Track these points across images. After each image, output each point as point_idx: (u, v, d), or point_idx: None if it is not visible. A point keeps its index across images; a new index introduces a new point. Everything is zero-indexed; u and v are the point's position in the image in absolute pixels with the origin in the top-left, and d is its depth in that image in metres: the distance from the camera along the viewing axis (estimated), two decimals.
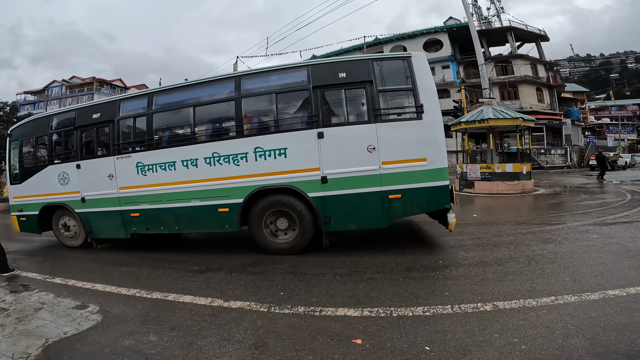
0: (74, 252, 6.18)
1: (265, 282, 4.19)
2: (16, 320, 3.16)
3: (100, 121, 5.96)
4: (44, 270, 5.08)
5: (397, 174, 4.78)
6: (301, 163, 4.94)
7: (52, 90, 49.26)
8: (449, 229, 4.98)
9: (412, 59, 4.88)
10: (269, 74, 5.37)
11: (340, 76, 4.95)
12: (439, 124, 4.87)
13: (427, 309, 3.16)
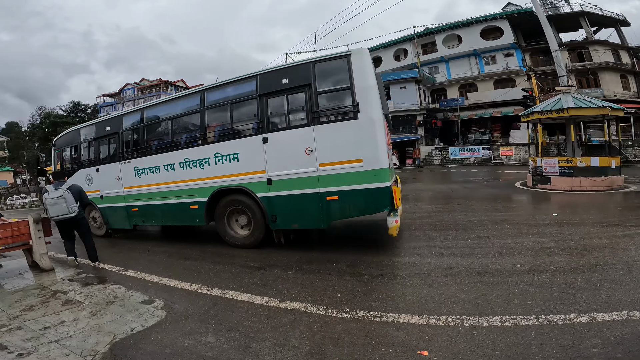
0: (145, 244, 6.64)
1: (322, 281, 4.04)
2: (89, 314, 3.37)
3: (111, 133, 7.11)
4: (118, 263, 5.48)
5: (333, 176, 4.75)
6: (251, 166, 5.30)
7: (126, 93, 53.65)
8: (390, 233, 4.71)
9: (351, 56, 4.74)
10: (227, 85, 5.76)
11: (284, 82, 5.10)
12: (376, 123, 4.62)
13: (506, 319, 2.78)
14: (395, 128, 33.00)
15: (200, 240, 6.56)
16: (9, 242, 4.96)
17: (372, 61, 4.92)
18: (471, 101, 32.99)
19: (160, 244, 6.59)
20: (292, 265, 4.71)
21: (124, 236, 7.67)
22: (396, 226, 4.69)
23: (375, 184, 4.58)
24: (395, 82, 32.37)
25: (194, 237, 6.84)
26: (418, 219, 7.20)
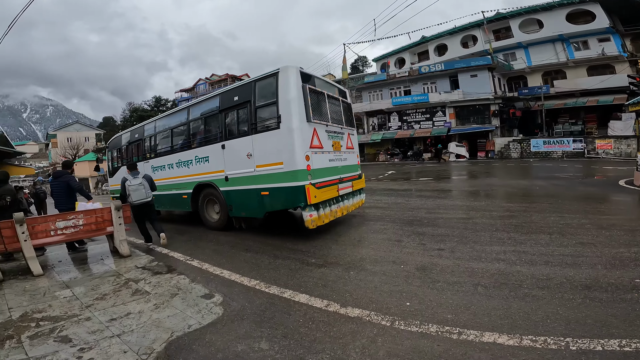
0: (211, 234, 6.82)
1: (387, 285, 3.61)
2: (154, 307, 3.41)
3: (138, 139, 9.24)
4: (186, 251, 5.66)
5: (265, 175, 5.69)
6: (216, 167, 6.60)
7: (199, 88, 57.13)
8: (306, 226, 5.39)
9: (278, 74, 5.48)
10: (203, 102, 7.19)
11: (235, 99, 6.21)
12: (294, 132, 5.27)
13: (627, 343, 2.21)
14: (465, 118, 30.57)
15: (261, 232, 6.55)
16: (93, 227, 5.40)
17: (299, 76, 5.51)
18: (558, 89, 29.18)
19: (225, 234, 6.74)
20: (354, 265, 4.35)
21: (194, 224, 8.10)
22: (310, 220, 5.39)
23: (292, 183, 5.33)
24: (463, 70, 30.01)
25: (256, 228, 6.86)
26: (499, 219, 6.30)
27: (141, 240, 6.71)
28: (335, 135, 6.35)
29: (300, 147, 5.31)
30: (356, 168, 7.15)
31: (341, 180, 6.29)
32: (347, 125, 6.93)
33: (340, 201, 6.30)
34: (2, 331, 2.95)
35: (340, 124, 6.60)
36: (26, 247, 4.67)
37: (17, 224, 4.58)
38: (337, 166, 6.27)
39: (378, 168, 24.39)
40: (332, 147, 6.18)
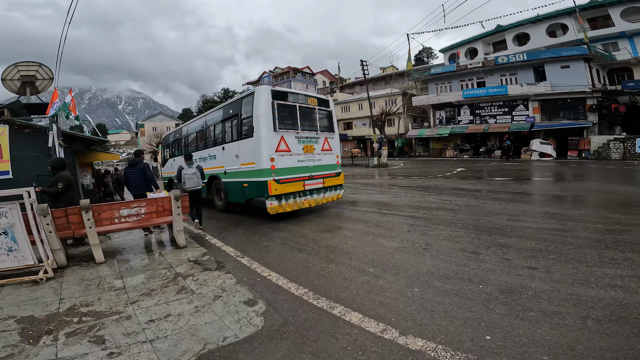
0: (265, 227, 6.63)
1: (461, 310, 2.91)
2: (194, 310, 3.18)
3: (178, 138, 11.81)
4: (238, 246, 5.51)
5: (245, 171, 7.20)
6: (220, 163, 8.27)
7: (264, 80, 60.42)
8: (268, 212, 6.82)
9: (254, 94, 6.95)
10: (213, 112, 9.03)
11: (230, 112, 7.83)
12: (262, 140, 6.68)
13: None
14: (553, 113, 26.90)
15: (316, 230, 6.15)
16: (154, 216, 5.49)
17: (270, 95, 6.87)
18: None
19: (280, 228, 6.52)
20: (420, 280, 3.68)
21: (253, 214, 8.12)
22: (270, 207, 6.80)
23: (259, 178, 6.79)
24: (552, 60, 26.40)
25: (310, 225, 6.49)
26: (607, 233, 5.03)
27: (199, 230, 6.82)
28: (308, 140, 7.57)
29: (266, 151, 6.74)
30: (333, 167, 8.20)
31: (310, 178, 7.52)
32: (324, 131, 8.09)
33: (308, 195, 7.56)
34: (44, 325, 2.93)
35: (314, 130, 7.80)
36: (91, 234, 4.85)
37: (83, 211, 4.78)
38: (307, 166, 7.48)
39: (444, 164, 22.61)
40: (303, 150, 7.43)
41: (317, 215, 7.80)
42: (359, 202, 9.48)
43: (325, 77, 65.27)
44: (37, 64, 10.16)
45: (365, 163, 26.80)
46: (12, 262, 4.12)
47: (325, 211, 8.32)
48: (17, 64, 9.93)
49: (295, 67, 58.28)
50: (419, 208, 7.88)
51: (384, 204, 8.91)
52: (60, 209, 4.82)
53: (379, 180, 15.85)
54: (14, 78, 9.72)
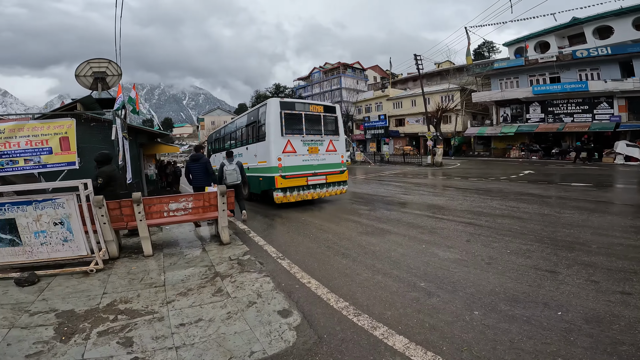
0: (310, 228, 6.37)
1: (533, 341, 2.37)
2: (226, 316, 2.99)
3: (219, 136, 13.99)
4: (281, 246, 5.32)
5: (261, 168, 8.79)
6: (245, 160, 9.43)
7: (314, 76, 60.79)
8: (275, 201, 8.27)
9: (266, 104, 8.56)
10: (241, 117, 10.86)
11: (252, 119, 9.63)
12: (271, 143, 8.19)
13: None
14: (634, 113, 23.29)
15: (361, 231, 5.75)
16: (200, 212, 5.51)
17: (278, 105, 8.29)
18: None
19: (325, 229, 6.25)
20: (481, 301, 3.13)
21: (300, 210, 7.96)
22: (276, 197, 8.25)
23: (269, 174, 8.26)
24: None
25: (355, 227, 6.11)
26: None
27: (244, 226, 6.80)
28: (313, 142, 8.82)
29: (275, 152, 8.20)
30: (337, 166, 9.31)
31: (314, 174, 8.78)
32: (329, 134, 9.19)
33: (311, 189, 8.85)
34: (80, 322, 2.93)
35: (319, 134, 8.97)
36: (141, 227, 4.97)
37: (134, 204, 4.90)
38: (311, 164, 8.75)
39: (508, 166, 20.62)
40: (308, 151, 8.69)
41: (364, 216, 7.38)
42: (409, 204, 8.84)
43: (376, 72, 63.82)
44: (107, 60, 10.97)
45: (418, 161, 25.56)
46: (66, 252, 4.32)
47: (371, 212, 7.86)
48: (90, 60, 10.80)
49: (345, 63, 57.72)
50: (480, 214, 7.07)
51: (438, 207, 8.19)
52: (114, 201, 5.01)
53: (433, 180, 14.87)
54: (87, 74, 10.59)
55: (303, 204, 9.22)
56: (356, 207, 8.81)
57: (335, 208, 8.77)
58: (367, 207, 8.70)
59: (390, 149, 40.09)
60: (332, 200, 10.06)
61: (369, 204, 9.23)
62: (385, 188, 12.57)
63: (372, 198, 10.26)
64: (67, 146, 6.61)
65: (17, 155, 6.46)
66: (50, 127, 6.57)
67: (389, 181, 14.98)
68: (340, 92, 53.20)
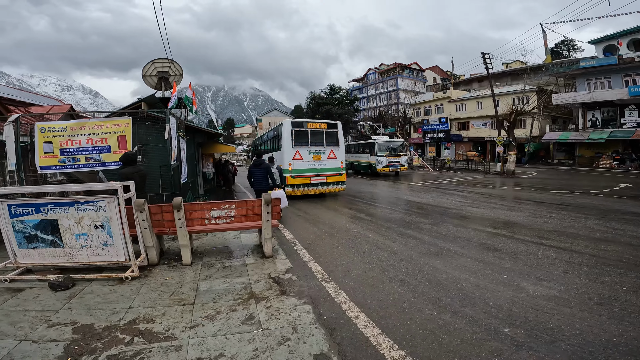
0: (362, 242, 5.65)
1: None
2: (252, 354, 2.45)
3: (259, 143, 17.80)
4: (329, 264, 4.70)
5: (337, 168, 11.73)
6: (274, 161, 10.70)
7: (369, 77, 59.21)
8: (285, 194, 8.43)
9: (282, 124, 11.61)
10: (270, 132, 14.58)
11: (274, 133, 13.02)
12: (285, 152, 11.04)
13: None
14: None
15: (423, 250, 4.89)
16: (243, 220, 5.10)
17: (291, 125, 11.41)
18: None
19: (380, 245, 5.53)
20: (594, 358, 2.16)
21: (351, 221, 7.16)
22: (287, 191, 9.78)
23: (285, 174, 10.30)
24: None
25: (417, 246, 5.25)
26: None
27: (291, 235, 6.32)
28: (316, 151, 11.48)
29: (287, 158, 11.06)
30: (336, 169, 11.83)
31: (317, 175, 11.48)
32: (330, 145, 11.74)
33: (313, 186, 11.50)
34: (94, 341, 2.59)
35: (321, 145, 11.61)
36: (181, 234, 4.68)
37: (175, 209, 4.63)
38: (314, 168, 11.46)
39: (598, 177, 17.64)
40: (312, 158, 11.39)
41: (425, 232, 6.44)
42: (480, 219, 7.64)
43: (436, 73, 60.47)
44: (169, 60, 11.35)
45: (484, 169, 23.19)
46: (105, 257, 4.15)
47: (433, 227, 6.87)
48: (154, 60, 11.24)
49: (402, 64, 55.52)
50: (575, 237, 5.74)
51: (517, 225, 6.91)
52: (156, 205, 4.79)
53: (504, 191, 13.13)
54: (152, 74, 11.03)
55: (356, 216, 8.51)
56: (415, 219, 7.86)
57: (391, 219, 7.92)
58: (429, 220, 7.70)
59: (451, 154, 37.45)
60: (386, 209, 9.21)
61: (430, 216, 8.20)
62: (448, 198, 11.31)
63: (433, 209, 9.18)
64: (124, 145, 6.70)
65: (78, 153, 6.69)
66: (109, 126, 6.72)
67: (452, 190, 13.57)
68: (396, 93, 51.38)
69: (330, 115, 28.01)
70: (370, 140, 23.89)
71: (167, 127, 6.72)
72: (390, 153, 21.68)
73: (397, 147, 22.34)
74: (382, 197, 12.15)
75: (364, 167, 24.09)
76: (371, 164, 22.45)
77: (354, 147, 27.45)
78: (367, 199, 11.75)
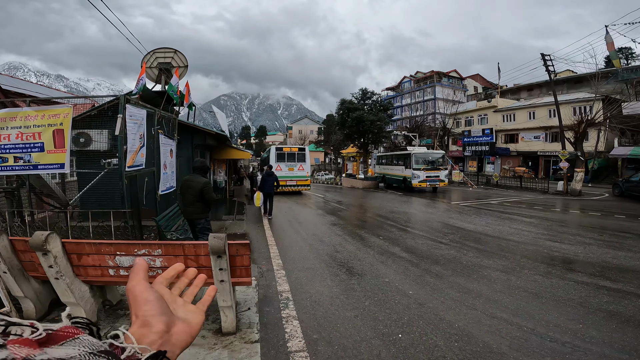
0: (400, 302, 3.31)
1: None
2: None
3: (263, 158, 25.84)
4: (314, 331, 2.38)
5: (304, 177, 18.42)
6: None
7: (404, 85, 56.57)
8: None
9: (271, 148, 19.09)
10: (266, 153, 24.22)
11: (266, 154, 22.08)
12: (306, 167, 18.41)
13: None
14: None
15: (512, 345, 2.51)
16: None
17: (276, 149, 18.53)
18: None
19: (428, 309, 3.23)
20: None
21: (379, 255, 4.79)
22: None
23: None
24: None
25: (493, 324, 2.86)
26: None
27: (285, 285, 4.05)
28: (290, 164, 18.01)
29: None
30: (303, 177, 18.27)
31: (291, 179, 17.96)
32: (299, 161, 18.15)
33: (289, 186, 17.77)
34: None
35: (293, 161, 18.09)
36: (58, 288, 2.57)
37: (36, 251, 2.53)
38: (289, 175, 17.84)
39: None
40: (288, 169, 17.84)
41: (496, 286, 3.95)
42: (573, 262, 4.95)
43: (477, 82, 56.42)
44: (172, 50, 9.67)
45: (541, 187, 19.66)
46: None
47: (506, 277, 4.33)
48: (155, 50, 9.60)
49: (440, 71, 52.18)
50: None
51: (623, 270, 4.22)
52: (22, 238, 2.74)
53: (581, 217, 10.08)
54: (152, 65, 9.37)
55: (388, 251, 6.12)
56: (476, 260, 5.35)
57: (440, 258, 5.47)
58: (497, 263, 5.15)
59: (495, 169, 33.65)
60: (430, 240, 6.72)
61: (497, 255, 5.64)
62: (510, 225, 8.57)
63: (496, 243, 6.56)
64: (61, 141, 4.83)
65: (6, 151, 4.91)
66: (44, 117, 4.88)
67: (510, 214, 10.69)
68: (434, 103, 48.07)
69: (361, 122, 25.46)
70: (405, 151, 21.26)
71: (118, 119, 4.76)
72: (428, 166, 18.91)
73: (437, 160, 19.54)
74: (421, 221, 9.59)
75: (396, 180, 21.45)
76: (405, 178, 19.78)
77: (385, 158, 24.88)
78: (401, 222, 9.27)
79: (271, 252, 5.95)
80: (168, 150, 6.96)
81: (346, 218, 10.24)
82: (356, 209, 12.64)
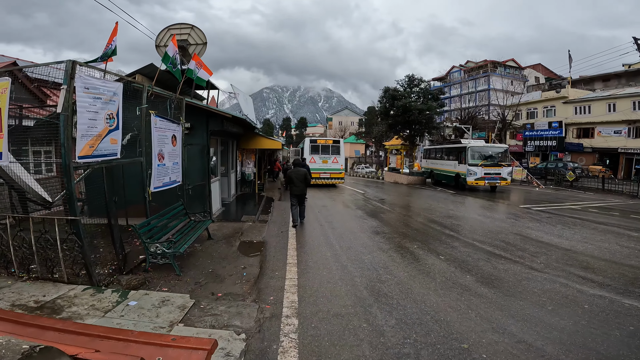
0: None
1: None
2: None
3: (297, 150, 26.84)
4: None
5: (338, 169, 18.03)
6: None
7: (453, 75, 53.11)
8: None
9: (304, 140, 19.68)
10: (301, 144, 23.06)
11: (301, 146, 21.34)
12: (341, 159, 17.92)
13: None
14: None
15: None
16: None
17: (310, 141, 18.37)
18: None
19: None
20: None
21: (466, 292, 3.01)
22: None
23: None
24: None
25: None
26: None
27: None
28: (324, 157, 17.60)
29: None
30: (337, 170, 17.78)
31: (324, 172, 17.58)
32: (334, 154, 17.70)
33: (322, 179, 17.47)
34: None
35: (327, 154, 17.68)
36: None
37: None
38: (323, 168, 17.51)
39: None
40: (322, 162, 17.49)
41: None
42: None
43: (539, 71, 50.34)
44: (189, 26, 8.50)
45: (630, 191, 16.11)
46: None
47: None
48: (170, 27, 8.46)
49: (495, 60, 47.26)
50: None
51: None
52: None
53: None
54: (166, 44, 8.20)
55: (459, 283, 4.26)
56: (601, 302, 3.30)
57: (536, 296, 3.50)
58: (633, 303, 3.08)
59: None
60: (511, 263, 4.71)
61: (634, 294, 3.52)
62: (618, 242, 6.26)
63: (620, 272, 4.38)
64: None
65: None
66: None
67: (607, 224, 8.13)
68: (488, 94, 43.61)
69: (408, 112, 22.87)
70: (458, 144, 18.65)
71: (62, 90, 3.32)
72: (487, 162, 16.24)
73: (498, 155, 16.77)
74: (490, 231, 7.41)
75: (447, 177, 18.98)
76: (458, 174, 17.27)
77: (434, 152, 22.33)
78: (464, 232, 7.23)
79: (287, 276, 4.33)
80: (169, 137, 5.56)
81: (391, 224, 8.35)
82: (403, 211, 10.64)
